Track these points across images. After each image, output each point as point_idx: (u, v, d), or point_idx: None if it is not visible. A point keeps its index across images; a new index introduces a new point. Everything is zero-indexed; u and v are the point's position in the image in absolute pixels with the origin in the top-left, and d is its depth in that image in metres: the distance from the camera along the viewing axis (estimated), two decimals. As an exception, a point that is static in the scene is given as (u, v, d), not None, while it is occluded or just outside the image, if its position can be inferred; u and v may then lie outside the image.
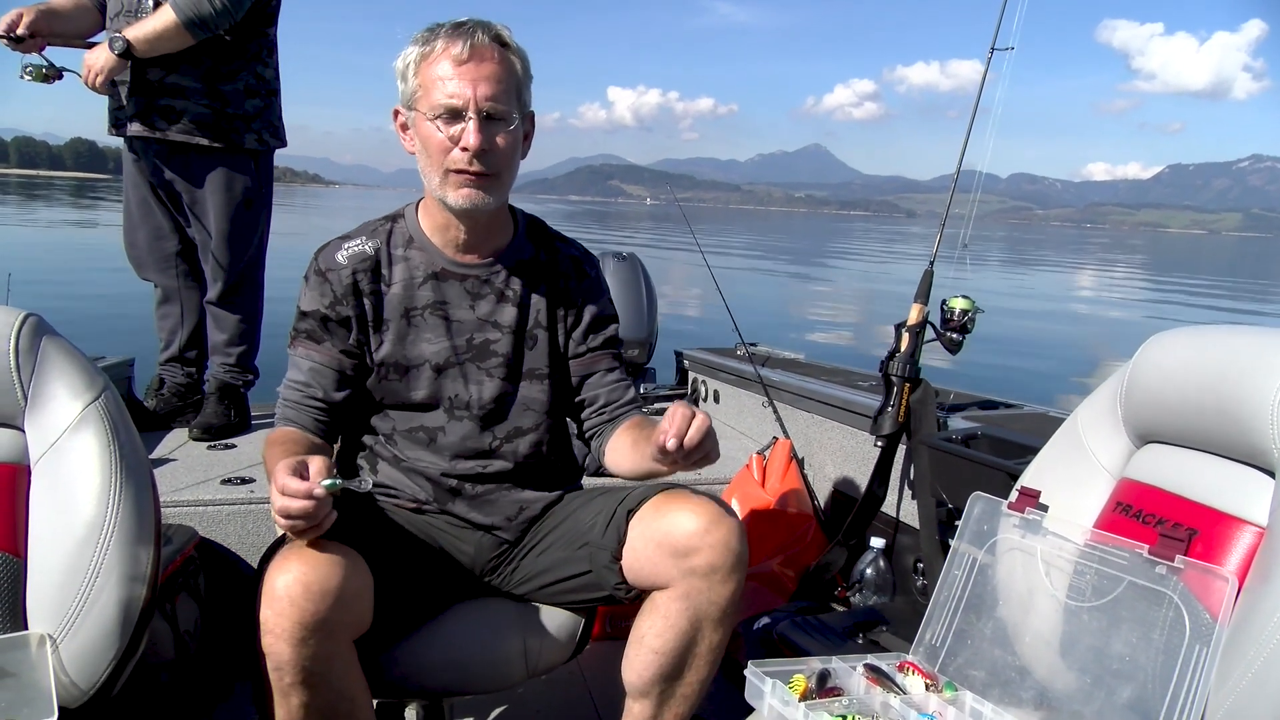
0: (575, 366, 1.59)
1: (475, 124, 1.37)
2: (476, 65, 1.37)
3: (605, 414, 1.60)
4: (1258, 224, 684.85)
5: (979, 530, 1.36)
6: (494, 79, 1.37)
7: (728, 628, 1.41)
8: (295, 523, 1.17)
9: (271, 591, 1.18)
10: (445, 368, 1.50)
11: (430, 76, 1.38)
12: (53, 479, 1.23)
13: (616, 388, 1.61)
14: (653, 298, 3.66)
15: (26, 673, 1.16)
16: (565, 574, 1.50)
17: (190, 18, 2.52)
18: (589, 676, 2.19)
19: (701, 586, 1.35)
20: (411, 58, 1.40)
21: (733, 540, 1.35)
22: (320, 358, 1.48)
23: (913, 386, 2.34)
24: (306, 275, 1.51)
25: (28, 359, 1.24)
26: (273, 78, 2.83)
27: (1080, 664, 1.16)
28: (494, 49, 1.39)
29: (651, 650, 1.40)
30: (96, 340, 3.16)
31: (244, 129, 2.74)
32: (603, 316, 1.61)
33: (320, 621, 1.18)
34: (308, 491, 1.15)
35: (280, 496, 1.16)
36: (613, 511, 1.45)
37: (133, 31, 2.53)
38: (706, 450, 1.28)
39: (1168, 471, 1.20)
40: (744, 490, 2.69)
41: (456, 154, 1.39)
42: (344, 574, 1.22)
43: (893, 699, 1.24)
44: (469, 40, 1.36)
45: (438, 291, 1.50)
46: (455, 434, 1.51)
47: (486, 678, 1.50)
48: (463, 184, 1.40)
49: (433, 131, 1.39)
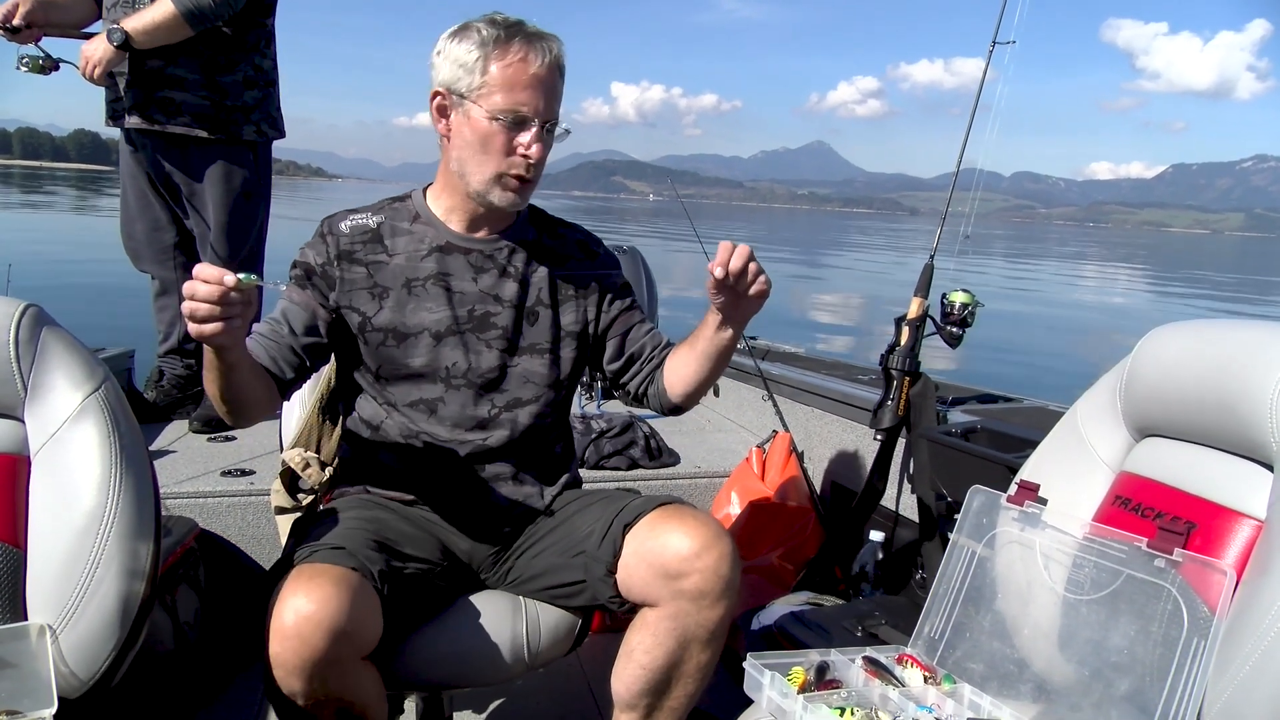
0: (613, 331, 1.64)
1: (538, 134, 1.42)
2: (549, 79, 1.42)
3: (654, 360, 1.64)
4: (1261, 224, 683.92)
5: (978, 523, 1.36)
6: (558, 95, 1.45)
7: (716, 647, 1.42)
8: (199, 306, 1.15)
9: (280, 626, 1.18)
10: (445, 335, 1.51)
11: (503, 78, 1.40)
12: (53, 470, 1.23)
13: (654, 335, 1.67)
14: (653, 291, 3.66)
15: (26, 663, 1.16)
16: (560, 580, 1.51)
17: (189, 9, 2.51)
18: (588, 669, 2.20)
19: (690, 609, 1.37)
20: (481, 53, 1.40)
21: (723, 567, 1.36)
22: (298, 299, 1.49)
23: (912, 380, 2.33)
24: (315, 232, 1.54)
25: (28, 349, 1.24)
26: (271, 69, 2.81)
27: (1079, 657, 1.16)
28: (559, 63, 1.44)
29: (640, 666, 1.42)
30: (97, 331, 3.16)
31: (243, 120, 2.73)
32: (621, 284, 1.67)
33: (331, 657, 1.19)
34: (219, 278, 1.14)
35: (190, 283, 1.15)
36: (609, 523, 1.46)
37: (130, 22, 2.51)
38: (756, 273, 1.37)
39: (1167, 465, 1.21)
40: (744, 483, 2.70)
41: (516, 159, 1.44)
42: (351, 603, 1.21)
43: (891, 691, 1.25)
44: (548, 54, 1.41)
45: (441, 264, 1.53)
46: (454, 403, 1.52)
47: (486, 671, 1.50)
48: (513, 188, 1.46)
49: (493, 132, 1.42)
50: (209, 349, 1.24)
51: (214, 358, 1.26)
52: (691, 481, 2.84)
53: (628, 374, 1.65)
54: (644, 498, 1.51)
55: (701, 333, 1.50)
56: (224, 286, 1.14)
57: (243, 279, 1.15)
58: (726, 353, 1.52)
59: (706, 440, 3.20)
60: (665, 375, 1.60)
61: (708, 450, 3.05)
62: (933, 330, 2.36)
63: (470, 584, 1.56)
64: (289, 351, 1.46)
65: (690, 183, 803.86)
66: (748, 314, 1.45)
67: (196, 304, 1.15)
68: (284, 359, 1.46)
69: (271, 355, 1.45)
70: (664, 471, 2.83)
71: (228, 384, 1.31)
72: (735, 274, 1.35)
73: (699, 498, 2.83)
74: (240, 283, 1.15)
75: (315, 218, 1.57)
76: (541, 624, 1.52)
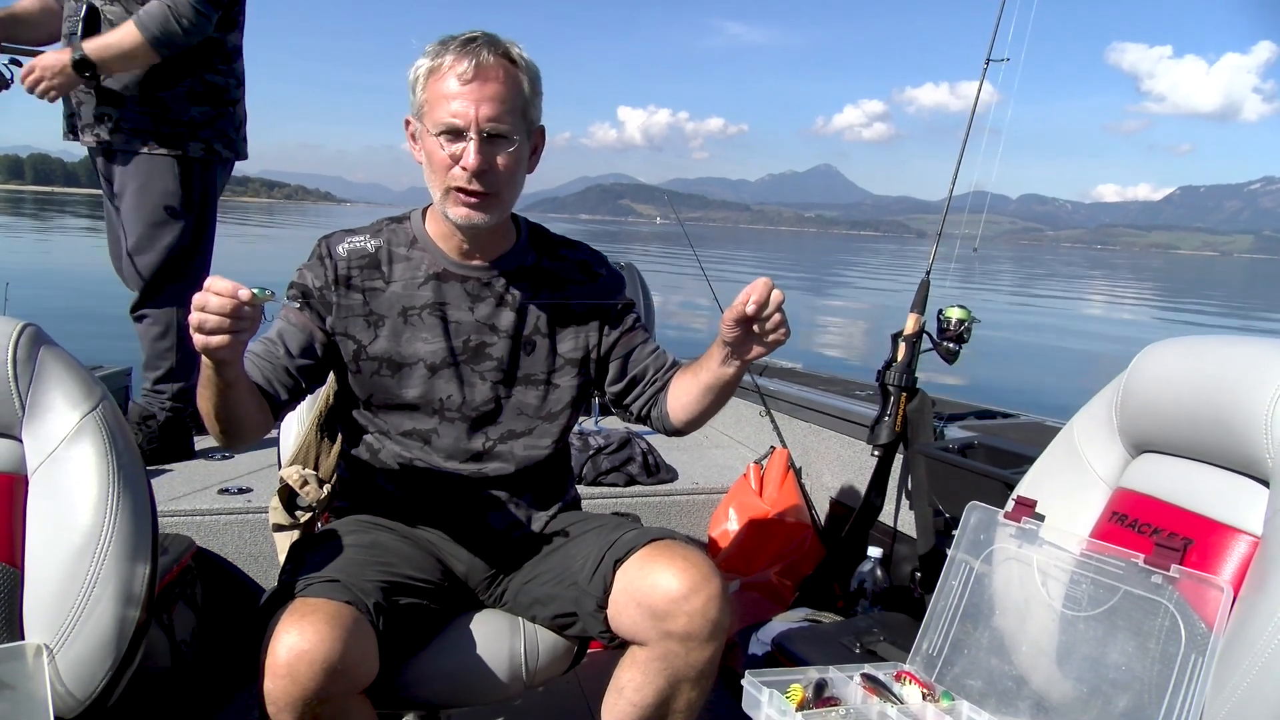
0: (615, 353, 1.60)
1: (475, 145, 1.36)
2: (481, 85, 1.36)
3: (658, 382, 1.60)
4: (1269, 246, 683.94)
5: (975, 539, 1.36)
6: (497, 99, 1.37)
7: (706, 685, 1.41)
8: (209, 318, 1.13)
9: (274, 663, 1.17)
10: (440, 368, 1.50)
11: (436, 93, 1.37)
12: (50, 489, 1.23)
13: (658, 355, 1.62)
14: (650, 307, 3.67)
15: (23, 683, 1.15)
16: (553, 611, 1.50)
17: (156, 36, 2.40)
18: (587, 687, 2.19)
19: (679, 650, 1.35)
20: (420, 71, 1.39)
21: (711, 610, 1.33)
22: (295, 319, 1.48)
23: (909, 396, 2.34)
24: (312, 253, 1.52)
25: (25, 369, 1.24)
26: (231, 85, 2.68)
27: (1077, 673, 1.16)
28: (500, 67, 1.38)
29: (630, 704, 1.41)
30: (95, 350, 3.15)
31: (188, 136, 2.60)
32: (624, 305, 1.63)
33: (323, 695, 1.18)
34: (233, 291, 1.12)
35: (201, 294, 1.13)
36: (600, 557, 1.44)
37: (92, 44, 2.39)
38: (779, 323, 1.31)
39: (1163, 481, 1.21)
40: (741, 500, 2.69)
41: (457, 172, 1.39)
42: (345, 640, 1.20)
43: (890, 709, 1.24)
44: (475, 59, 1.35)
45: (438, 292, 1.51)
46: (448, 435, 1.52)
47: (484, 690, 1.49)
48: (461, 202, 1.41)
49: (436, 148, 1.39)
50: (207, 364, 1.23)
51: (212, 374, 1.24)
52: (689, 498, 2.84)
53: (630, 395, 1.63)
54: (637, 530, 1.49)
55: (706, 364, 1.47)
56: (237, 300, 1.12)
57: (258, 293, 1.13)
58: (729, 387, 1.48)
59: (704, 456, 3.20)
60: (668, 399, 1.58)
61: (705, 466, 3.05)
62: (929, 346, 2.36)
63: (468, 603, 1.55)
64: (284, 373, 1.44)
65: (697, 206, 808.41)
66: (756, 356, 1.39)
67: (206, 315, 1.13)
68: (279, 380, 1.44)
69: (266, 376, 1.43)
70: (661, 488, 2.83)
71: (223, 402, 1.30)
72: (763, 315, 1.29)
73: (697, 514, 2.83)
74: (255, 297, 1.13)
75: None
76: (539, 643, 1.51)
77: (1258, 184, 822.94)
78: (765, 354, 1.37)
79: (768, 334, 1.32)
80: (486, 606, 1.57)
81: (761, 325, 1.31)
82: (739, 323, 1.32)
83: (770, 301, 1.29)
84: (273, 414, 1.44)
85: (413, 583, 1.43)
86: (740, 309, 1.29)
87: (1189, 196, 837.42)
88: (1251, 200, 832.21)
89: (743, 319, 1.31)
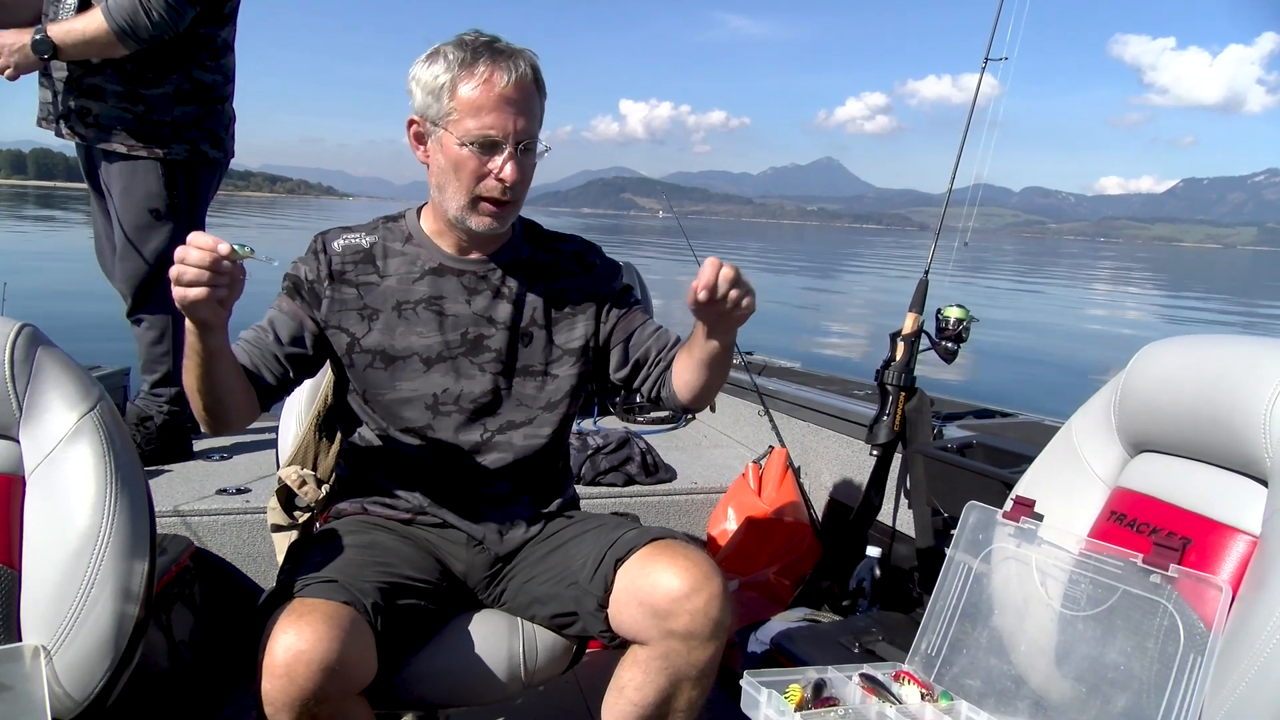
0: (615, 339, 1.60)
1: (513, 156, 1.38)
2: (517, 98, 1.37)
3: (662, 362, 1.59)
4: (1273, 238, 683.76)
5: (974, 539, 1.36)
6: (531, 113, 1.39)
7: (707, 684, 1.41)
8: (187, 270, 1.14)
9: (271, 664, 1.17)
10: (435, 361, 1.51)
11: (469, 103, 1.36)
12: (48, 490, 1.23)
13: (660, 335, 1.61)
14: (649, 307, 3.67)
15: (21, 685, 1.15)
16: (553, 611, 1.50)
17: (122, 26, 2.33)
18: (586, 686, 2.19)
19: (680, 649, 1.35)
20: (447, 78, 1.37)
21: (713, 608, 1.33)
22: (286, 308, 1.49)
23: (908, 395, 2.34)
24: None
25: (23, 369, 1.24)
26: (219, 83, 2.62)
27: (1076, 673, 1.16)
28: (531, 78, 1.39)
29: (631, 703, 1.41)
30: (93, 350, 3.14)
31: (170, 137, 2.54)
32: (620, 290, 1.62)
33: (320, 696, 1.18)
34: (213, 245, 1.13)
35: (182, 248, 1.14)
36: (601, 556, 1.44)
37: (57, 29, 2.33)
38: (742, 292, 1.30)
39: (1162, 480, 1.21)
40: (740, 499, 2.69)
41: (491, 183, 1.40)
42: (343, 641, 1.20)
43: (888, 708, 1.24)
44: (513, 73, 1.36)
45: (434, 286, 1.51)
46: (445, 428, 1.52)
47: (482, 690, 1.49)
48: (488, 211, 1.43)
49: (465, 157, 1.39)
50: (191, 330, 1.23)
51: (196, 340, 1.24)
52: (688, 497, 2.84)
53: (637, 378, 1.62)
54: (638, 529, 1.49)
55: (695, 340, 1.47)
56: (216, 254, 1.14)
57: (237, 249, 1.15)
58: (721, 357, 1.48)
59: (703, 456, 3.20)
60: (673, 377, 1.57)
61: (704, 466, 3.05)
62: (928, 345, 2.36)
63: (467, 603, 1.55)
64: (273, 359, 1.46)
65: (700, 199, 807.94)
66: (732, 328, 1.40)
67: (185, 268, 1.14)
68: (267, 365, 1.45)
69: (254, 360, 1.44)
70: (660, 488, 2.83)
71: (206, 374, 1.29)
72: (718, 295, 1.30)
73: (695, 514, 2.83)
74: (234, 252, 1.15)
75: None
76: (538, 643, 1.51)
77: (1261, 176, 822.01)
78: (741, 323, 1.37)
79: (731, 309, 1.32)
80: (485, 606, 1.57)
81: (721, 304, 1.31)
82: (701, 307, 1.32)
83: (721, 281, 1.28)
84: (259, 400, 1.44)
85: (411, 583, 1.43)
86: (693, 298, 1.30)
87: (1192, 189, 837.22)
88: (1255, 192, 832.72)
89: (701, 304, 1.31)
